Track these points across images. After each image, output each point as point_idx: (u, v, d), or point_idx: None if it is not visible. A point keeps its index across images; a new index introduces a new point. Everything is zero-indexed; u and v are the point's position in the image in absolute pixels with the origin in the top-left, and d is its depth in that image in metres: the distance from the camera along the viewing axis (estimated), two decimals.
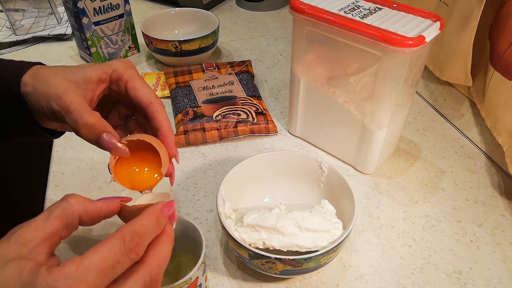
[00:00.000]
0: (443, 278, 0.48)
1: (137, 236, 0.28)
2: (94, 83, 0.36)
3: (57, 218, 0.27)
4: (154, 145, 0.36)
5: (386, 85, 0.51)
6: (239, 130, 0.66)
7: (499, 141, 0.59)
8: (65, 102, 0.34)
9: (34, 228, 0.27)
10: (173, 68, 0.78)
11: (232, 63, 0.79)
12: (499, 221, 0.55)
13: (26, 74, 0.36)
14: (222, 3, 1.11)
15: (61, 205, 0.28)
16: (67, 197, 0.29)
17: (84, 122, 0.33)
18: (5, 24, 0.94)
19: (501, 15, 0.58)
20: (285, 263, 0.41)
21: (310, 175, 0.54)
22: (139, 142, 0.36)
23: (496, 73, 0.59)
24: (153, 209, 0.30)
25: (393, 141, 0.63)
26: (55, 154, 0.64)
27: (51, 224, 0.27)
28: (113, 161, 0.35)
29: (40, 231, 0.26)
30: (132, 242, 0.27)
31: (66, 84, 0.35)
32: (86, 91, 0.36)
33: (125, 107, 0.42)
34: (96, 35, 0.78)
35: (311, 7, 0.52)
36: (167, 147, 0.37)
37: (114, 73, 0.37)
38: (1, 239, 0.26)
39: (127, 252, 0.27)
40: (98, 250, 0.26)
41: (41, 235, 0.26)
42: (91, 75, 0.36)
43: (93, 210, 0.30)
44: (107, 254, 0.26)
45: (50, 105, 0.34)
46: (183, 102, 0.69)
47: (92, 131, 0.34)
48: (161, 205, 0.31)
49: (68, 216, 0.28)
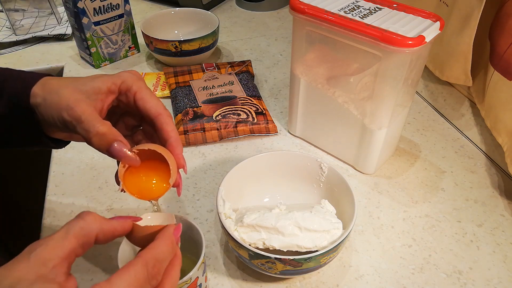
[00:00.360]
0: (443, 278, 0.48)
1: (158, 263, 0.29)
2: (104, 93, 0.37)
3: (75, 237, 0.28)
4: (164, 154, 0.36)
5: (386, 85, 0.51)
6: (239, 130, 0.66)
7: (499, 141, 0.59)
8: (76, 112, 0.34)
9: (53, 246, 0.27)
10: (173, 68, 0.78)
11: (232, 63, 0.79)
12: (499, 221, 0.55)
13: (36, 86, 0.36)
14: (222, 3, 1.11)
15: (78, 224, 0.28)
16: (84, 215, 0.29)
17: (95, 131, 0.34)
18: (5, 24, 0.94)
19: (501, 15, 0.58)
20: (285, 263, 0.41)
21: (310, 175, 0.54)
22: (148, 151, 0.36)
23: (496, 73, 0.59)
24: (168, 234, 0.31)
25: (393, 141, 0.63)
26: (55, 154, 0.64)
27: (69, 243, 0.27)
28: (122, 170, 0.36)
29: (58, 249, 0.27)
30: (155, 269, 0.28)
31: (76, 95, 0.35)
32: (96, 102, 0.36)
33: (132, 118, 0.42)
34: (96, 35, 0.78)
35: (311, 7, 0.52)
36: (175, 158, 0.37)
37: (123, 84, 0.38)
38: (18, 257, 0.26)
39: (150, 278, 0.28)
40: (123, 276, 0.27)
41: (59, 253, 0.27)
42: (100, 86, 0.37)
43: (108, 229, 0.30)
44: (132, 280, 0.27)
45: (62, 115, 0.35)
46: (183, 102, 0.69)
47: (104, 140, 0.34)
48: (172, 229, 0.32)
49: (85, 235, 0.28)
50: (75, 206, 0.55)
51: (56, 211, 0.55)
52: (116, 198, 0.57)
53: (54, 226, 0.53)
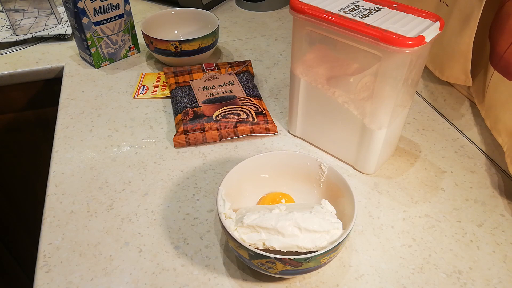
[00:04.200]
0: (443, 278, 0.48)
1: None
2: None
3: None
4: None
5: (386, 85, 0.51)
6: (239, 130, 0.66)
7: (499, 141, 0.59)
8: None
9: None
10: (173, 68, 0.78)
11: (232, 63, 0.79)
12: (499, 221, 0.55)
13: None
14: (222, 3, 1.11)
15: None
16: None
17: None
18: (5, 24, 0.94)
19: (501, 15, 0.58)
20: (285, 263, 0.41)
21: (310, 175, 0.54)
22: None
23: (496, 73, 0.59)
24: None
25: (393, 141, 0.63)
26: (55, 154, 0.64)
27: None
28: None
29: None
30: None
31: None
32: None
33: None
34: (96, 35, 0.78)
35: (311, 7, 0.52)
36: None
37: None
38: None
39: None
40: None
41: None
42: None
43: None
44: None
45: None
46: (183, 102, 0.69)
47: None
48: None
49: None
50: (75, 206, 0.56)
51: (56, 211, 0.55)
52: (116, 198, 0.57)
53: (54, 226, 0.53)
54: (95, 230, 0.53)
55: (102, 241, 0.51)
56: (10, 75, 0.83)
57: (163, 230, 0.53)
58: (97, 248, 0.50)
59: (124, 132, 0.68)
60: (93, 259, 0.49)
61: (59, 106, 0.74)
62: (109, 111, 0.72)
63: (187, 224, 0.53)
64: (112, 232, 0.52)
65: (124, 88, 0.78)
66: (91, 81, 0.80)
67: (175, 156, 0.64)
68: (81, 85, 0.79)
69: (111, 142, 0.66)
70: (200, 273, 0.48)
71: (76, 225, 0.53)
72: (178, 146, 0.65)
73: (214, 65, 0.78)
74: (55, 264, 0.49)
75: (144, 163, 0.62)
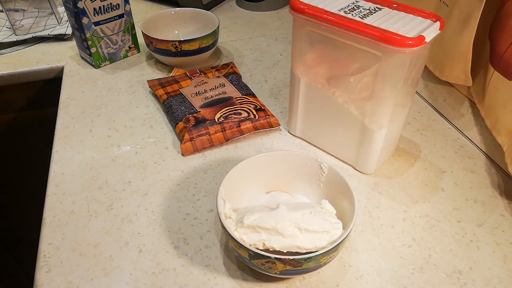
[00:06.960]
0: (443, 278, 0.48)
1: None
2: None
3: None
4: None
5: (386, 85, 0.51)
6: (243, 128, 0.66)
7: (499, 141, 0.59)
8: None
9: None
10: (158, 80, 0.76)
11: (216, 67, 0.79)
12: (499, 221, 0.55)
13: None
14: (222, 3, 1.11)
15: None
16: None
17: None
18: (5, 24, 0.94)
19: (501, 15, 0.58)
20: (285, 263, 0.41)
21: (310, 175, 0.54)
22: None
23: (496, 73, 0.59)
24: None
25: (393, 141, 0.63)
26: (55, 154, 0.64)
27: None
28: None
29: None
30: None
31: None
32: None
33: None
34: (96, 35, 0.78)
35: (311, 7, 0.52)
36: None
37: None
38: None
39: None
40: None
41: None
42: None
43: None
44: None
45: None
46: (180, 110, 0.68)
47: None
48: None
49: None
50: (75, 206, 0.56)
51: (56, 211, 0.55)
52: (116, 198, 0.57)
53: (54, 226, 0.53)
54: (95, 230, 0.53)
55: (102, 241, 0.51)
56: (10, 75, 0.83)
57: (163, 230, 0.53)
58: (97, 248, 0.50)
59: (124, 132, 0.68)
60: (93, 259, 0.49)
61: (59, 106, 0.74)
62: (109, 111, 0.72)
63: (187, 224, 0.53)
64: (112, 232, 0.52)
65: (124, 88, 0.78)
66: (91, 81, 0.80)
67: (175, 156, 0.64)
68: (81, 85, 0.79)
69: (111, 142, 0.66)
70: (200, 273, 0.48)
71: (76, 225, 0.53)
72: (186, 154, 0.63)
73: (198, 71, 0.77)
74: (55, 264, 0.49)
75: (144, 163, 0.62)
